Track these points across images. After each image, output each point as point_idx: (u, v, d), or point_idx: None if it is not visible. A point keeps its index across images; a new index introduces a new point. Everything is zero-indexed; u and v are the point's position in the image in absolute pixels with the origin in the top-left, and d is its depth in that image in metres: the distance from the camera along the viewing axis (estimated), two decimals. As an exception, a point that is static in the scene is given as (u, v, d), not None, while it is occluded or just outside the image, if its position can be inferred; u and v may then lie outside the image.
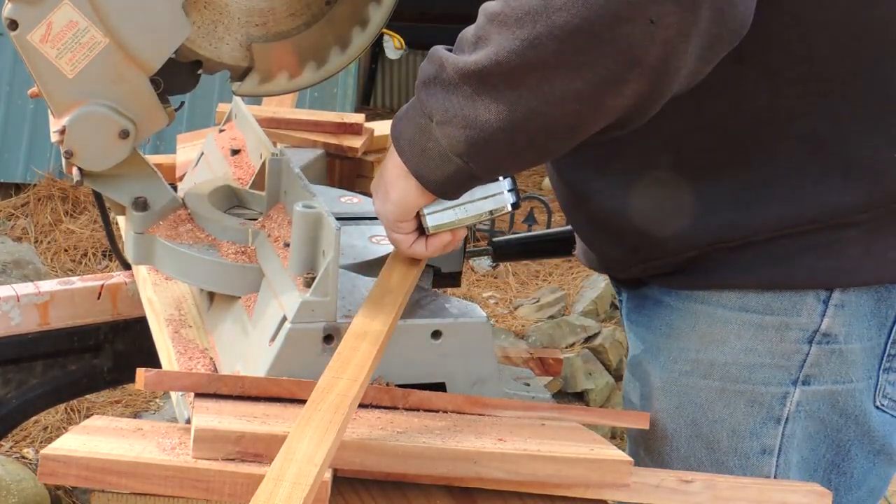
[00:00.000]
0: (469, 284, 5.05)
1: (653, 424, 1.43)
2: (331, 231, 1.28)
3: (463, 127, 1.23)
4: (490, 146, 1.24)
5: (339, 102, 5.73)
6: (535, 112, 1.20)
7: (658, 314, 1.47)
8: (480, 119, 1.22)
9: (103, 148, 1.43)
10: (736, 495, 1.26)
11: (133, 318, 1.82)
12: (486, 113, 1.21)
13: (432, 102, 1.25)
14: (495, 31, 1.19)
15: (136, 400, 3.90)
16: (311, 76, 1.54)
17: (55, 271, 4.82)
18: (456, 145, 1.24)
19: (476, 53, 1.20)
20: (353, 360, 1.20)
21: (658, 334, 1.47)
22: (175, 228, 1.50)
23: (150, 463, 1.13)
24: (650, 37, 1.13)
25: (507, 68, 1.18)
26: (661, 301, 1.47)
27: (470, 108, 1.22)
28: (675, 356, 1.44)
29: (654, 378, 1.46)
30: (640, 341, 1.51)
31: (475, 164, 1.26)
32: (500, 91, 1.20)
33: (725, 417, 1.41)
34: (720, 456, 1.42)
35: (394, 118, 1.33)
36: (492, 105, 1.21)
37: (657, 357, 1.46)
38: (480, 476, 1.19)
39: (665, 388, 1.44)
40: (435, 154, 1.27)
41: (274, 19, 1.50)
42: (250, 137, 1.73)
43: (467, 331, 1.34)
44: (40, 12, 1.36)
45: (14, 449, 3.54)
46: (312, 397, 1.14)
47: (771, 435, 1.40)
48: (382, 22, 1.53)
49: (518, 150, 1.25)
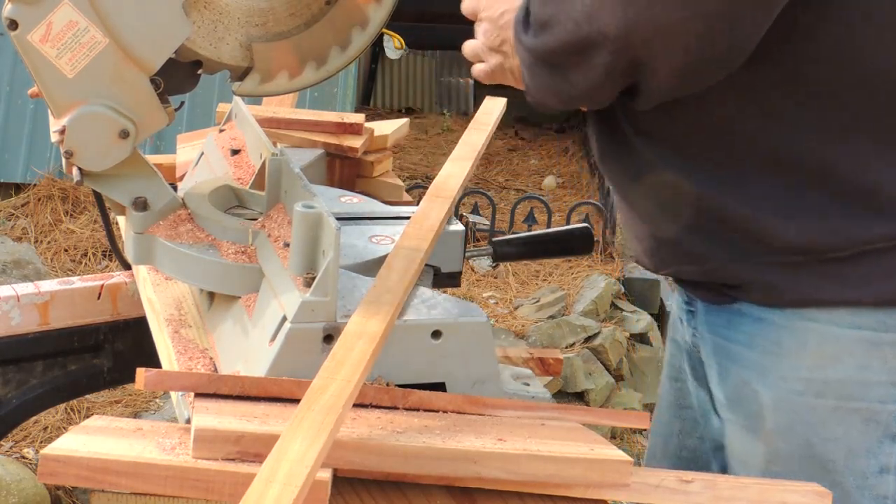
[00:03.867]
0: (469, 284, 5.05)
1: (765, 444, 1.42)
2: (331, 231, 1.28)
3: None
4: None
5: (339, 102, 5.74)
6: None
7: (761, 332, 1.44)
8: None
9: (103, 148, 1.43)
10: (736, 495, 1.26)
11: (133, 318, 1.82)
12: None
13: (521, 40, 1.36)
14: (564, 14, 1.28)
15: (136, 400, 3.90)
16: (311, 76, 1.54)
17: (55, 271, 4.82)
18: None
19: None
20: (348, 360, 1.20)
21: (762, 352, 1.43)
22: (175, 228, 1.50)
23: (150, 463, 1.13)
24: None
25: None
26: (763, 318, 1.43)
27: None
28: (786, 375, 1.41)
29: (763, 397, 1.43)
30: (738, 359, 1.47)
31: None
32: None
33: (840, 436, 1.39)
34: (836, 476, 1.40)
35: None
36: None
37: (765, 376, 1.43)
38: (480, 476, 1.19)
39: (777, 408, 1.41)
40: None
41: (274, 19, 1.50)
42: (250, 137, 1.73)
43: (467, 331, 1.34)
44: (40, 12, 1.36)
45: (14, 449, 3.54)
46: (306, 397, 1.14)
47: (888, 453, 1.39)
48: (382, 22, 1.53)
49: None
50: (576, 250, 2.01)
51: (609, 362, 4.49)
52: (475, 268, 5.27)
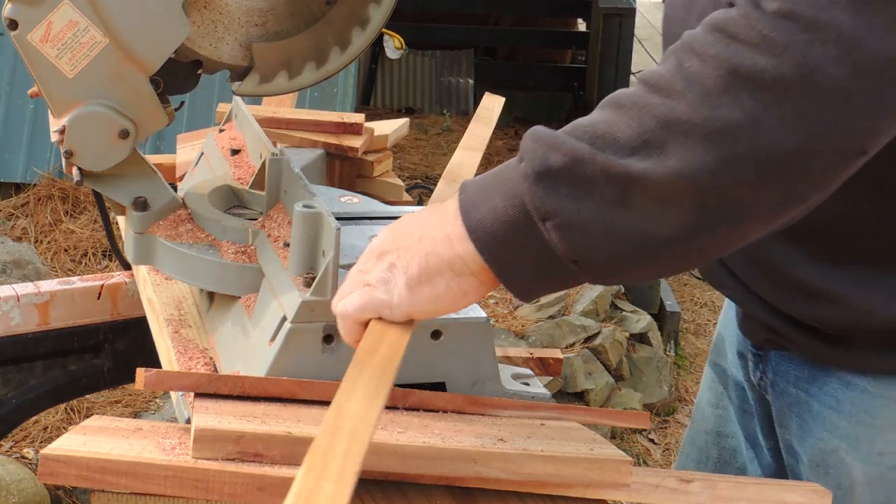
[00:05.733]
0: (469, 284, 5.04)
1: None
2: (331, 231, 1.28)
3: (597, 235, 1.07)
4: (626, 258, 1.08)
5: (339, 102, 5.73)
6: (705, 229, 1.06)
7: (851, 398, 1.38)
8: (624, 228, 1.06)
9: (103, 148, 1.43)
10: (736, 495, 1.26)
11: (133, 318, 1.82)
12: (638, 222, 1.06)
13: (551, 201, 1.07)
14: (676, 141, 1.04)
15: (136, 400, 3.90)
16: (311, 76, 1.54)
17: (55, 271, 4.82)
18: (576, 250, 1.08)
19: (646, 161, 1.04)
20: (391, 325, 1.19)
21: (853, 421, 1.38)
22: (175, 228, 1.50)
23: (149, 463, 1.13)
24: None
25: (693, 184, 1.04)
26: (853, 383, 1.38)
27: (612, 215, 1.06)
28: (882, 449, 1.36)
29: (855, 471, 1.38)
30: (824, 422, 1.41)
31: (591, 273, 1.10)
32: (673, 205, 1.05)
33: None
34: None
35: (463, 203, 1.14)
36: (651, 216, 1.05)
37: (857, 448, 1.38)
38: (480, 476, 1.19)
39: (871, 483, 1.37)
40: (534, 255, 1.10)
41: (274, 19, 1.50)
42: (250, 137, 1.73)
43: (467, 331, 1.34)
44: (40, 12, 1.36)
45: (14, 449, 3.54)
46: (357, 360, 1.13)
47: None
48: (382, 22, 1.53)
49: (656, 262, 1.10)
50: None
51: (609, 362, 4.49)
52: (475, 268, 5.26)
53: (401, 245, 1.18)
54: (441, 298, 1.16)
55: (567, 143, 1.08)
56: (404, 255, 1.17)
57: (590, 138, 1.08)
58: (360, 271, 1.20)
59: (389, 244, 1.19)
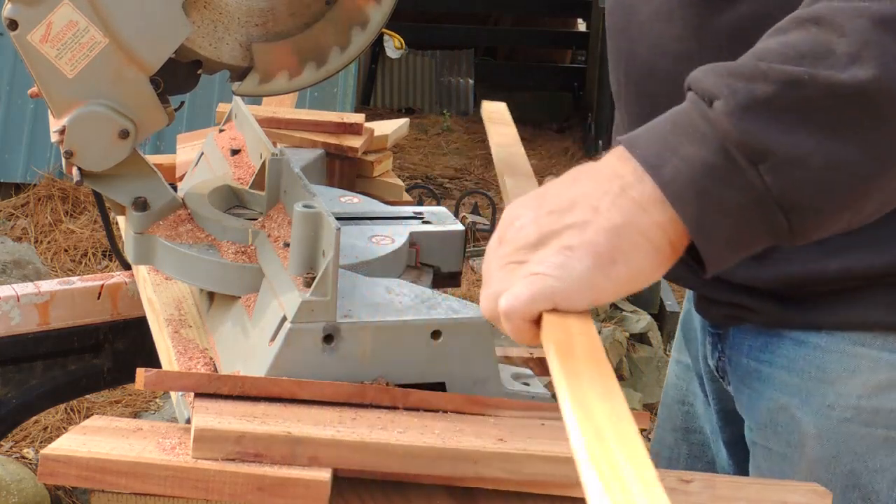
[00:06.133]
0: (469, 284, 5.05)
1: (804, 473, 1.36)
2: (331, 231, 1.28)
3: (817, 169, 0.95)
4: (845, 194, 0.97)
5: (339, 102, 5.74)
6: None
7: (802, 355, 1.36)
8: (851, 155, 0.95)
9: (103, 148, 1.43)
10: (735, 494, 1.26)
11: (133, 318, 1.82)
12: (868, 145, 0.95)
13: (764, 138, 0.94)
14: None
15: (136, 400, 3.90)
16: (311, 76, 1.54)
17: (55, 271, 4.82)
18: (793, 193, 0.95)
19: (872, 68, 0.93)
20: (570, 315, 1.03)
21: (805, 378, 1.36)
22: (175, 228, 1.50)
23: (149, 463, 1.13)
24: None
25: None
26: (805, 341, 1.36)
27: (835, 142, 0.94)
28: (832, 402, 1.34)
29: (805, 425, 1.36)
30: (775, 383, 1.40)
31: (801, 223, 0.97)
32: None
33: (888, 467, 1.33)
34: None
35: (644, 159, 0.98)
36: (883, 134, 0.95)
37: (808, 402, 1.36)
38: (481, 476, 1.19)
39: (821, 437, 1.35)
40: (737, 210, 0.97)
41: (274, 19, 1.50)
42: (250, 137, 1.73)
43: (467, 331, 1.34)
44: (40, 12, 1.36)
45: (14, 449, 3.54)
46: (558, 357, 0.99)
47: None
48: (382, 22, 1.53)
49: (880, 195, 1.00)
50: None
51: (609, 362, 4.49)
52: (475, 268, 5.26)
53: (568, 223, 1.00)
54: (638, 277, 1.00)
55: (774, 69, 0.95)
56: (580, 233, 1.00)
57: (798, 58, 0.96)
58: (515, 263, 1.02)
59: (549, 225, 1.01)
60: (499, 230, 1.06)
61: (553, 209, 1.02)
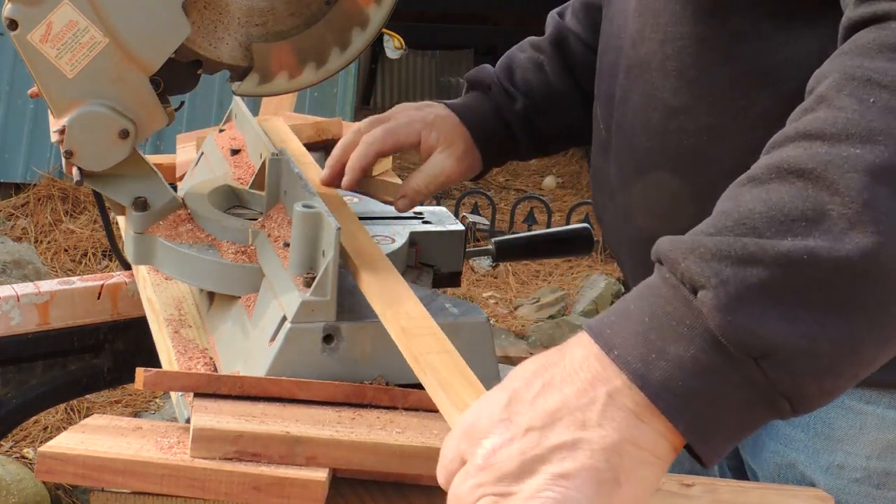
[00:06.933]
0: (469, 284, 5.06)
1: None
2: (331, 231, 1.28)
3: (825, 353, 0.83)
4: (854, 368, 0.86)
5: (339, 102, 5.74)
6: None
7: None
8: (857, 330, 0.84)
9: (103, 148, 1.43)
10: (737, 500, 1.26)
11: (133, 318, 1.82)
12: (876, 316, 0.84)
13: (763, 331, 0.82)
14: None
15: (136, 400, 3.90)
16: (311, 76, 1.54)
17: (55, 271, 4.82)
18: (802, 382, 0.84)
19: (874, 233, 0.82)
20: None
21: (810, 433, 1.32)
22: (175, 228, 1.50)
23: (146, 461, 1.13)
24: None
25: None
26: None
27: (842, 319, 0.83)
28: (842, 461, 1.31)
29: (816, 485, 1.33)
30: (780, 436, 1.36)
31: (810, 404, 0.86)
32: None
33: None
34: None
35: (624, 363, 0.86)
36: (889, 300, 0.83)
37: (816, 460, 1.33)
38: (480, 476, 1.19)
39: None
40: (735, 404, 0.85)
41: (274, 19, 1.50)
42: (250, 137, 1.73)
43: (467, 331, 1.34)
44: (40, 12, 1.36)
45: (14, 449, 3.54)
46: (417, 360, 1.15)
47: None
48: (382, 22, 1.53)
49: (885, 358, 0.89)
50: (576, 250, 2.00)
51: None
52: (475, 268, 5.27)
53: (554, 444, 0.85)
54: (648, 490, 0.87)
55: (765, 248, 0.83)
56: (571, 456, 0.85)
57: (788, 223, 0.84)
58: (497, 496, 0.85)
59: (531, 448, 0.85)
60: (460, 442, 0.90)
61: (531, 426, 0.86)
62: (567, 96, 1.70)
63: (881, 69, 0.87)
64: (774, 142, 0.91)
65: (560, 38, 1.73)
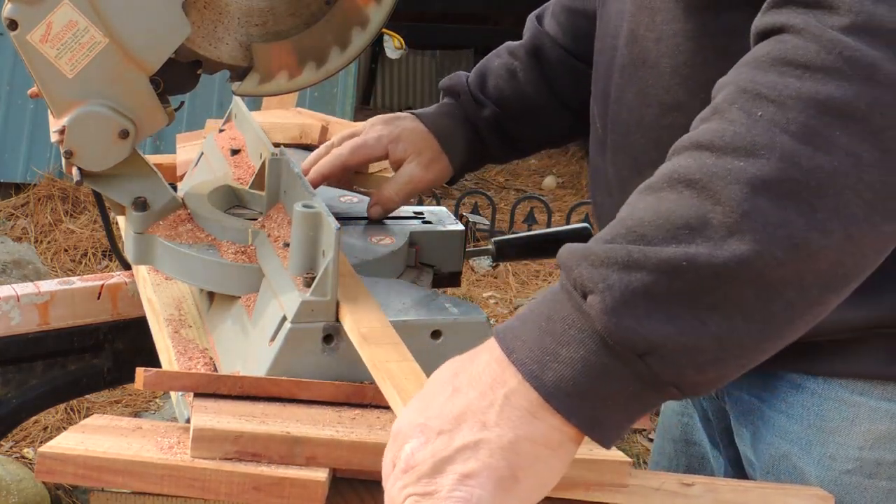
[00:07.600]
0: (469, 284, 5.06)
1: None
2: (331, 231, 1.28)
3: (707, 348, 0.90)
4: (733, 359, 0.92)
5: (339, 102, 5.74)
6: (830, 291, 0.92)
7: (800, 401, 1.34)
8: (736, 329, 0.89)
9: (103, 148, 1.43)
10: (737, 499, 1.26)
11: (133, 318, 1.82)
12: (753, 316, 0.90)
13: (647, 331, 0.89)
14: (779, 206, 0.88)
15: (136, 400, 3.90)
16: (311, 76, 1.54)
17: (55, 271, 4.82)
18: (688, 374, 0.91)
19: (749, 241, 0.88)
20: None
21: (804, 424, 1.34)
22: (175, 228, 1.50)
23: (146, 461, 1.13)
24: None
25: (811, 254, 0.88)
26: (803, 386, 1.33)
27: (722, 319, 0.89)
28: (833, 453, 1.32)
29: (808, 476, 1.34)
30: (775, 427, 1.38)
31: (698, 390, 0.94)
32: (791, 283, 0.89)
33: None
34: None
35: (521, 364, 0.93)
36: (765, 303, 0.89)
37: (808, 452, 1.34)
38: (480, 476, 1.19)
39: (824, 488, 1.32)
40: (625, 397, 0.92)
41: (274, 19, 1.50)
42: (250, 137, 1.73)
43: (467, 331, 1.34)
44: (40, 12, 1.36)
45: (14, 449, 3.54)
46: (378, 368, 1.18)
47: None
48: (382, 22, 1.53)
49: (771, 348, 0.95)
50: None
51: None
52: (475, 268, 5.27)
53: (459, 445, 0.93)
54: (548, 482, 0.95)
55: (648, 255, 0.89)
56: (473, 456, 0.92)
57: (672, 231, 0.90)
58: (419, 495, 0.93)
59: (441, 450, 0.93)
60: (390, 448, 0.98)
61: (442, 429, 0.94)
62: (541, 103, 1.74)
63: (770, 83, 0.91)
64: (675, 149, 0.96)
65: (536, 46, 1.76)
